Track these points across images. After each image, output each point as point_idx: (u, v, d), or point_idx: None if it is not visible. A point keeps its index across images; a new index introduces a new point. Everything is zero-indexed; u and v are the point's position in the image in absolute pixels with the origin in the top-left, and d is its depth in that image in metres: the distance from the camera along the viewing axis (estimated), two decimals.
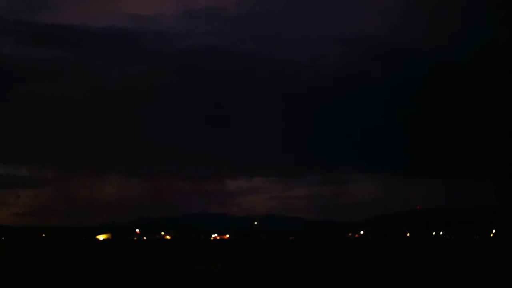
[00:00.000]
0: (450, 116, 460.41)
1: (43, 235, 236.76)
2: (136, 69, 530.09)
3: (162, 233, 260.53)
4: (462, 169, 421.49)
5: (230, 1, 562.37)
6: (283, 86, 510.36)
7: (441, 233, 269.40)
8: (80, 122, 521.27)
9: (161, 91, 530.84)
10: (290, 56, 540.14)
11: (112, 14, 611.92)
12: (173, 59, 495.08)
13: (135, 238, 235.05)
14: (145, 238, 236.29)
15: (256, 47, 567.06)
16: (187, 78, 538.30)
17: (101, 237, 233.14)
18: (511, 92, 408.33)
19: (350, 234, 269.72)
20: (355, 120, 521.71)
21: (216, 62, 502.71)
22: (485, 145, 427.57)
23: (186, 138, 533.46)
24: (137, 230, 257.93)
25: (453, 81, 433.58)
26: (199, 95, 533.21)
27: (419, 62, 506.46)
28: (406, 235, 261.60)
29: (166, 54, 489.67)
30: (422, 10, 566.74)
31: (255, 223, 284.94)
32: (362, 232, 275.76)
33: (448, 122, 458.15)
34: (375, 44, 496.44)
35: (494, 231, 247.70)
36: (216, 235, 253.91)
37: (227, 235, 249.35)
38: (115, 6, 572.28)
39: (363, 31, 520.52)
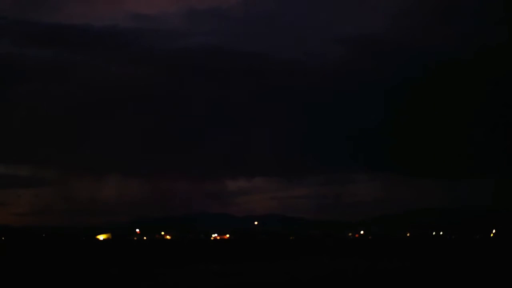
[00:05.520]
0: (450, 116, 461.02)
1: (43, 235, 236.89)
2: (138, 69, 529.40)
3: (162, 233, 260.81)
4: (462, 169, 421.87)
5: (234, 1, 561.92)
6: (284, 85, 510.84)
7: (441, 233, 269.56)
8: (81, 122, 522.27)
9: (163, 90, 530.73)
10: (292, 55, 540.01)
11: (115, 13, 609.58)
12: (176, 58, 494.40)
13: (135, 238, 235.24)
14: (145, 238, 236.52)
15: (259, 46, 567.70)
16: (190, 77, 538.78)
17: (101, 237, 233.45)
18: (509, 92, 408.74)
19: (350, 234, 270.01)
20: (355, 120, 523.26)
21: (219, 61, 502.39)
22: (485, 144, 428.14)
23: (186, 138, 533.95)
24: (137, 230, 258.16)
25: (451, 80, 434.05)
26: (201, 95, 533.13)
27: (418, 62, 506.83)
28: (406, 235, 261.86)
29: (169, 53, 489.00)
30: (421, 9, 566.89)
31: (255, 223, 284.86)
32: (362, 232, 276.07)
33: (448, 121, 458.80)
34: (374, 43, 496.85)
35: (494, 231, 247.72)
36: (216, 235, 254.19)
37: (227, 235, 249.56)
38: (118, 5, 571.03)
39: (362, 30, 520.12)
